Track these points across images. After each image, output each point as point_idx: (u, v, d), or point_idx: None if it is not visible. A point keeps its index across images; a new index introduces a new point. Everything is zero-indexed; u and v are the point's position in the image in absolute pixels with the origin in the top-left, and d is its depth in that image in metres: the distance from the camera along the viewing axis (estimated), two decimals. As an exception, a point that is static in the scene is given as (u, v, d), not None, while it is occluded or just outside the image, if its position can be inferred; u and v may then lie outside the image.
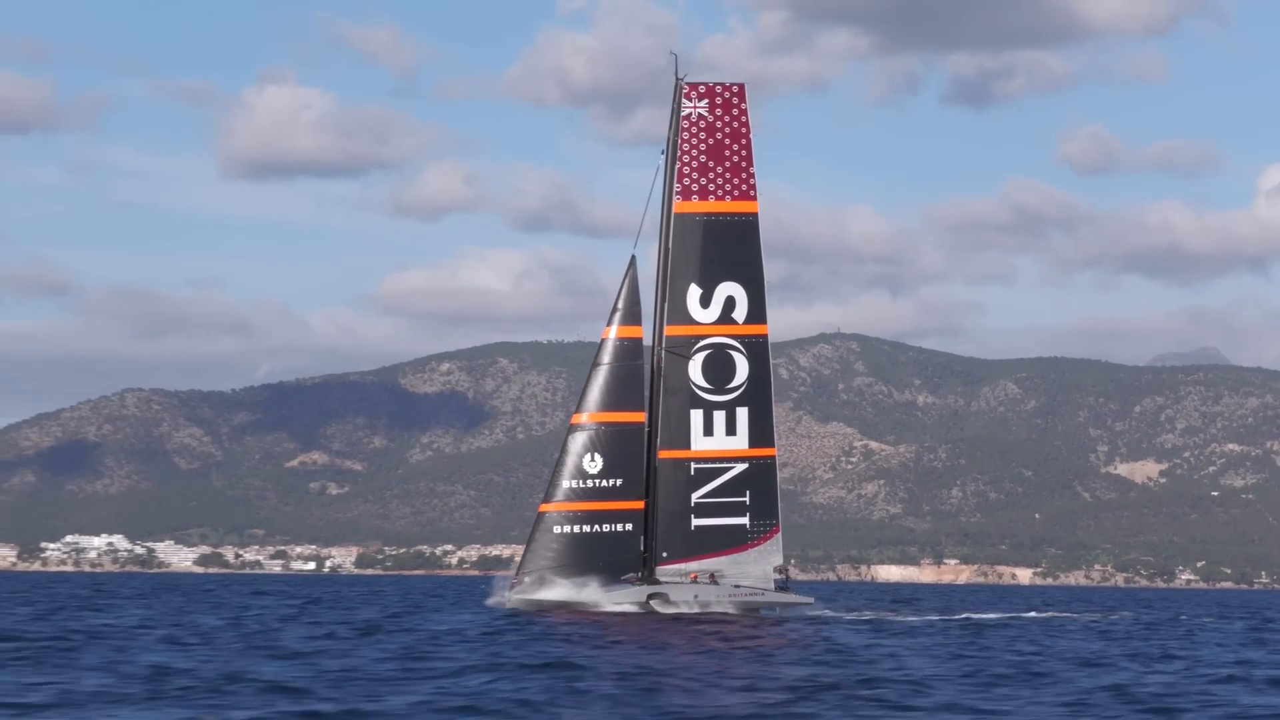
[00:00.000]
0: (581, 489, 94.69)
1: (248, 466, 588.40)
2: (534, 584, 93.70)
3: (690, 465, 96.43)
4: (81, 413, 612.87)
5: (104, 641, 61.80)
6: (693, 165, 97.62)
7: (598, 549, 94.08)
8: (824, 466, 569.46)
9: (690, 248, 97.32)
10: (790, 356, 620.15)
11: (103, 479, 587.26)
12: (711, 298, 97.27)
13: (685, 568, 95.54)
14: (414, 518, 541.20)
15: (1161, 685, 48.92)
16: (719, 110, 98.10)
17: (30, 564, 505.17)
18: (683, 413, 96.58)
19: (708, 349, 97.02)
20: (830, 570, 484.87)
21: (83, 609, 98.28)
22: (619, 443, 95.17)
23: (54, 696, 40.16)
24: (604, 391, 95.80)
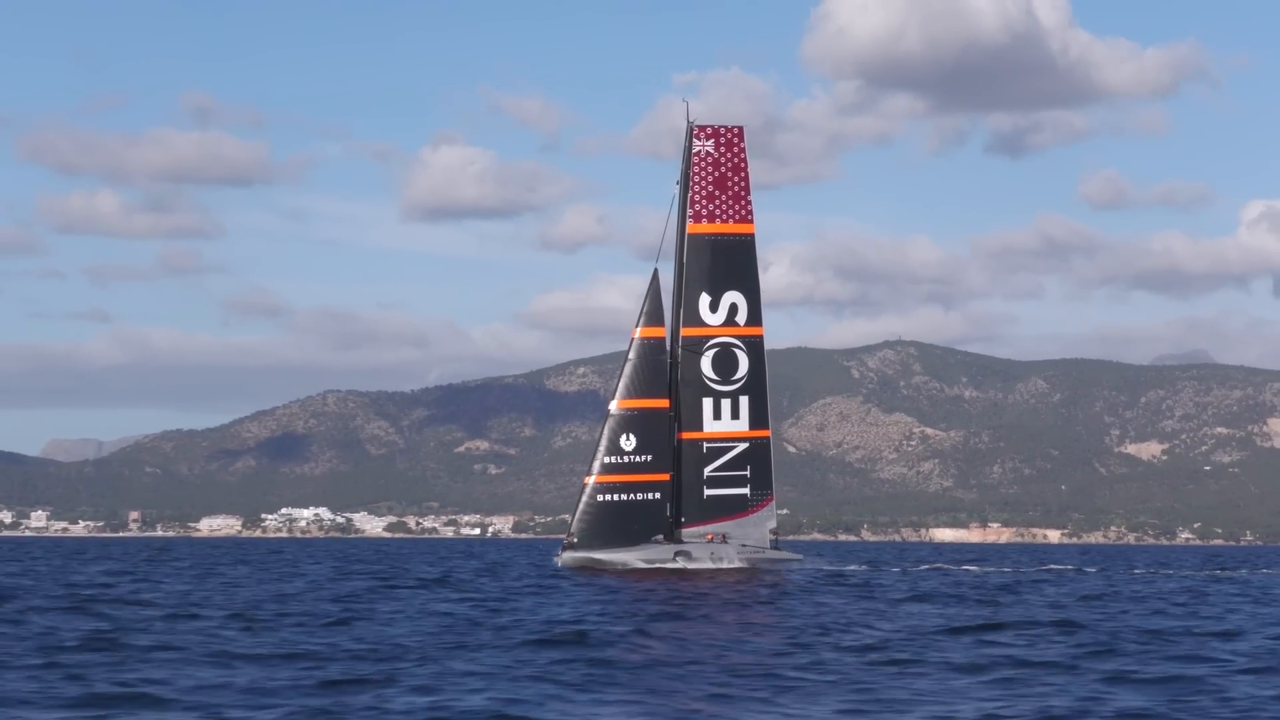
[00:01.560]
0: (618, 464, 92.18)
1: (425, 452, 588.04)
2: (581, 545, 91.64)
3: (703, 444, 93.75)
4: (292, 410, 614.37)
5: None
6: (702, 194, 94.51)
7: (632, 514, 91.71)
8: (889, 449, 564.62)
9: (701, 262, 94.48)
10: (860, 360, 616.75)
11: (309, 463, 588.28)
12: (719, 304, 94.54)
13: (701, 530, 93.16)
14: (557, 492, 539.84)
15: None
16: (723, 148, 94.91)
17: (252, 532, 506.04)
18: (696, 400, 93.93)
19: (716, 347, 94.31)
20: (895, 533, 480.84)
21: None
22: (648, 425, 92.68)
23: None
24: (635, 383, 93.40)
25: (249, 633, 40.65)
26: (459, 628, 42.41)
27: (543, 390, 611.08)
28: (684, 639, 38.88)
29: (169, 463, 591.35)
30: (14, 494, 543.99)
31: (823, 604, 57.26)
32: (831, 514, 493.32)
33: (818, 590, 68.78)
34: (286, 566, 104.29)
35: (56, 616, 46.60)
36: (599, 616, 46.80)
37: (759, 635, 40.65)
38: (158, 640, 38.22)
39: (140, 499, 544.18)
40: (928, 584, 79.06)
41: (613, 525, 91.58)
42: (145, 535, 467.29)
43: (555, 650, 35.85)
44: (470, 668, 32.29)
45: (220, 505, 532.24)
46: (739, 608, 53.66)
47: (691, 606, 52.72)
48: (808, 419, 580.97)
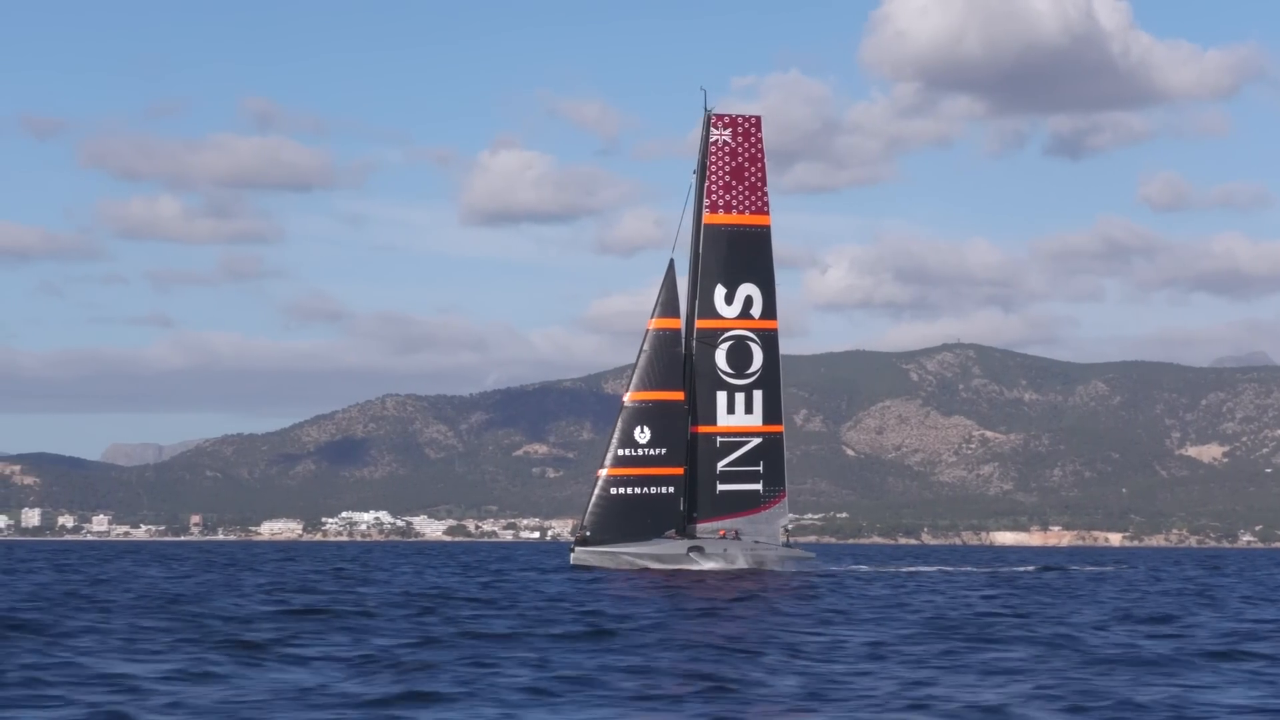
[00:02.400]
0: (632, 456, 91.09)
1: (483, 455, 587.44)
2: (594, 540, 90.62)
3: (716, 439, 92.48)
4: (351, 414, 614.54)
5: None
6: (719, 184, 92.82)
7: (645, 508, 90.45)
8: (948, 452, 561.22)
9: (717, 253, 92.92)
10: (919, 363, 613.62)
11: (369, 466, 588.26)
12: (734, 296, 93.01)
13: (714, 526, 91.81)
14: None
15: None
16: (740, 138, 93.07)
17: (313, 535, 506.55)
18: (710, 394, 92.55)
19: (730, 340, 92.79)
20: (956, 536, 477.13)
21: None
22: (663, 417, 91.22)
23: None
24: (650, 374, 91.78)
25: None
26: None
27: (600, 394, 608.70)
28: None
29: (229, 467, 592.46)
30: (75, 498, 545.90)
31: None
32: (891, 517, 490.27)
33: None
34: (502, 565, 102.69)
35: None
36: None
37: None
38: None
39: (201, 503, 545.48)
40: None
41: (626, 519, 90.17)
42: (208, 539, 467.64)
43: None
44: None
45: (281, 509, 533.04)
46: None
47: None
48: (866, 422, 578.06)
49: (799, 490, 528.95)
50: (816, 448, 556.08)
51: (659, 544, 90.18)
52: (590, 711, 24.63)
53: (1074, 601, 56.98)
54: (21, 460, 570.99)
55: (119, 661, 30.76)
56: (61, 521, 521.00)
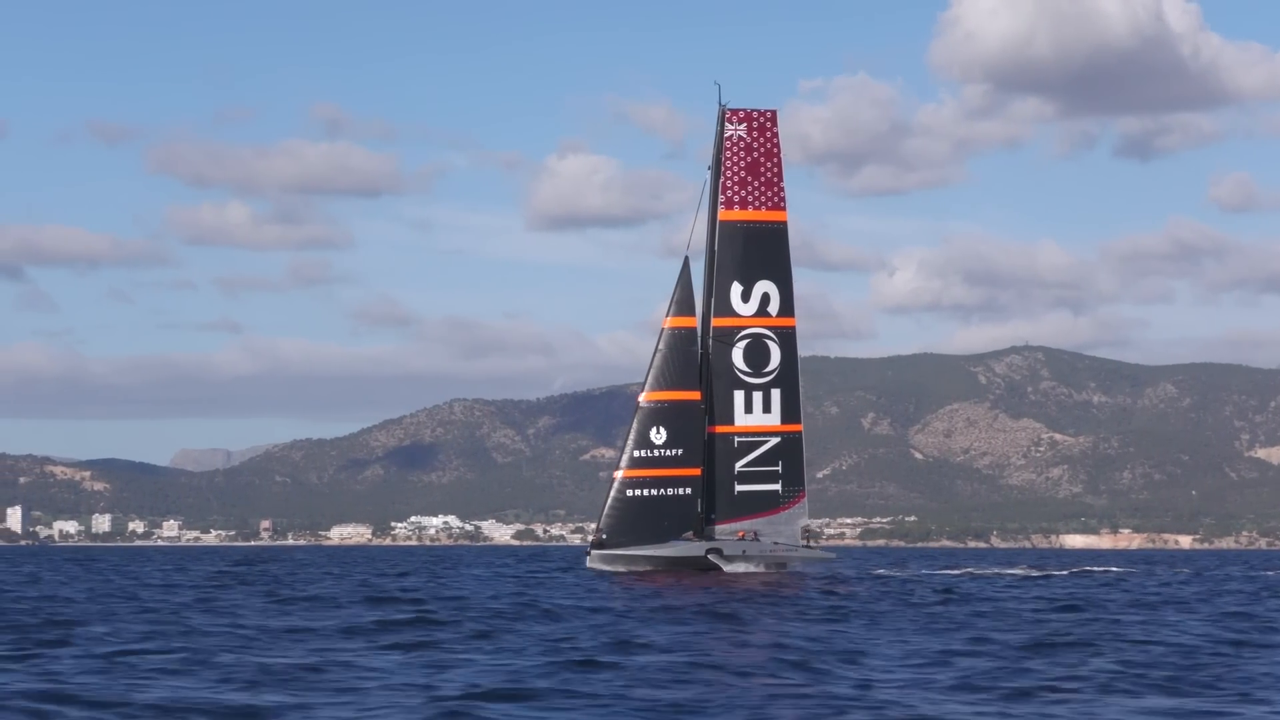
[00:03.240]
0: (649, 457, 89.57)
1: (551, 460, 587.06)
2: (610, 542, 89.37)
3: (734, 439, 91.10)
4: (419, 419, 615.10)
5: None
6: (734, 180, 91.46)
7: (662, 509, 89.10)
8: (1017, 455, 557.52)
9: (733, 250, 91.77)
10: (987, 365, 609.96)
11: (437, 471, 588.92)
12: (751, 294, 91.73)
13: (733, 527, 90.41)
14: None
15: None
16: (755, 132, 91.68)
17: (382, 539, 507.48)
18: (727, 393, 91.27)
19: (748, 338, 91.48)
20: (1026, 540, 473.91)
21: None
22: (680, 417, 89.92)
23: None
24: (666, 374, 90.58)
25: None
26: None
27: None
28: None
29: (298, 472, 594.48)
30: (145, 504, 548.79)
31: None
32: (960, 520, 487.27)
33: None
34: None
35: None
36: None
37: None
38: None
39: (270, 508, 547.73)
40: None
41: (643, 521, 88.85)
42: (278, 544, 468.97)
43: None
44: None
45: (350, 514, 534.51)
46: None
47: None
48: (934, 425, 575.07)
49: (866, 494, 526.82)
50: (884, 451, 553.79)
51: (677, 546, 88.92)
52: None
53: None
54: (91, 466, 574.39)
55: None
56: (132, 527, 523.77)
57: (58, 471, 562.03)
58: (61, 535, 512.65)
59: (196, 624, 42.50)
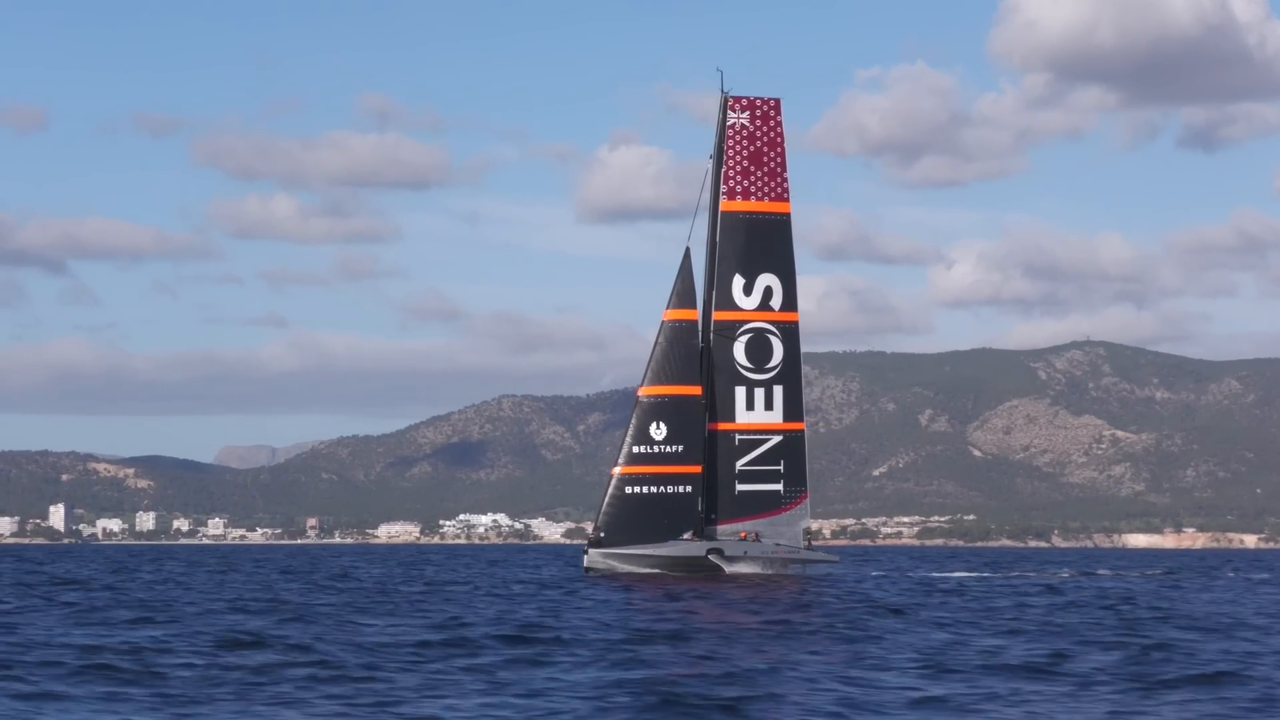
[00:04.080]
0: (647, 454, 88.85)
1: (601, 457, 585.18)
2: (607, 541, 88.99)
3: (735, 436, 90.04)
4: (467, 415, 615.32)
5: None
6: (736, 169, 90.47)
7: (661, 507, 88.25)
8: (1078, 452, 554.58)
9: (735, 242, 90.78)
10: (1048, 361, 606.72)
11: (485, 468, 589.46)
12: (753, 287, 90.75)
13: (734, 528, 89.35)
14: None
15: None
16: (758, 121, 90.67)
17: (430, 538, 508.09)
18: (728, 389, 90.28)
19: (749, 333, 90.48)
20: (1088, 539, 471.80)
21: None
22: (679, 413, 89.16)
23: None
24: (665, 367, 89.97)
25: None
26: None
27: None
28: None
29: (345, 469, 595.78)
30: (190, 501, 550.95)
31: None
32: (1020, 519, 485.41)
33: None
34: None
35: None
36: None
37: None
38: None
39: (317, 505, 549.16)
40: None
41: (641, 520, 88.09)
42: (325, 542, 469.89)
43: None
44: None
45: (398, 512, 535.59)
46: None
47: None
48: (993, 422, 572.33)
49: (923, 492, 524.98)
50: (942, 448, 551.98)
51: (677, 546, 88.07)
52: None
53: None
54: (135, 463, 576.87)
55: None
56: (176, 525, 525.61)
57: (101, 469, 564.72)
58: (105, 534, 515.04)
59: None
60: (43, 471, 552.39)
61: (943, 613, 52.88)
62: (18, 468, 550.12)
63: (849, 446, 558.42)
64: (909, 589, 73.30)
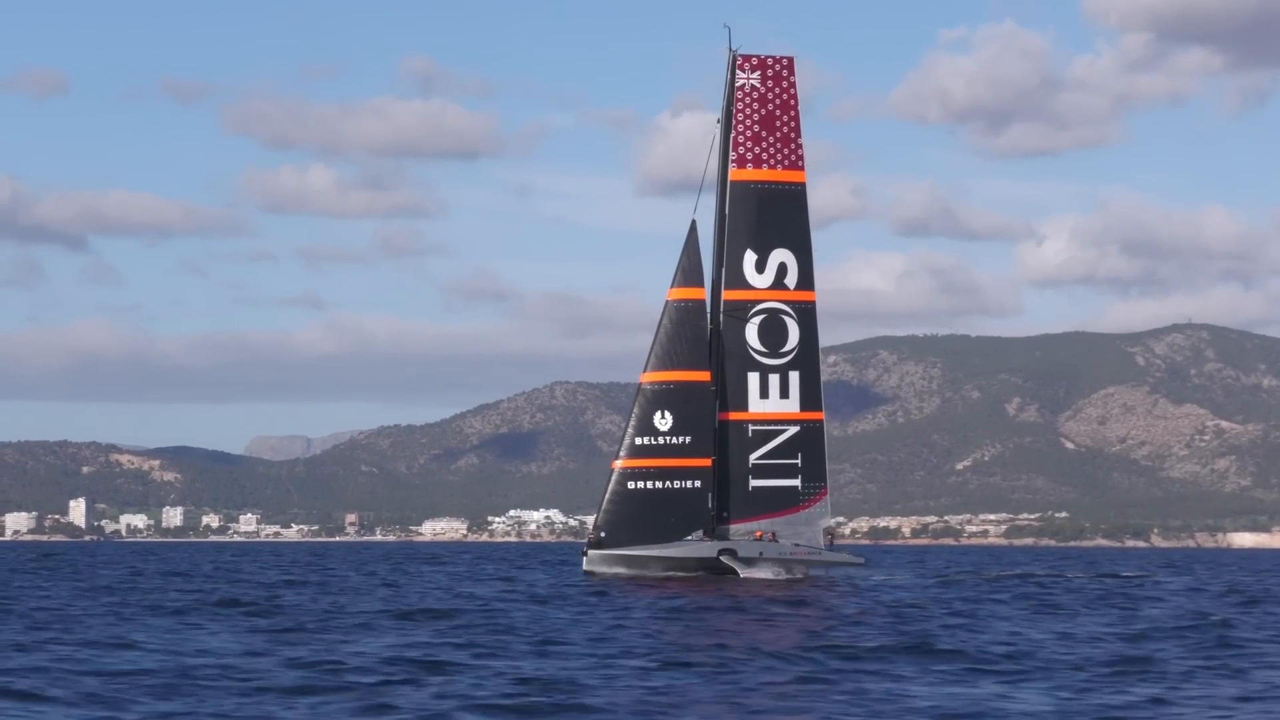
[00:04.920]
0: (652, 445, 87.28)
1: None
2: (609, 541, 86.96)
3: (748, 427, 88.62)
4: (518, 403, 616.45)
5: None
6: (746, 135, 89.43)
7: (668, 504, 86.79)
8: (1179, 444, 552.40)
9: (746, 215, 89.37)
10: (1146, 345, 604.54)
11: (537, 461, 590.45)
12: (766, 263, 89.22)
13: (749, 527, 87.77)
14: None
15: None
16: (770, 82, 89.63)
17: (479, 536, 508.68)
18: (740, 375, 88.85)
19: (763, 314, 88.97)
20: (1190, 538, 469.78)
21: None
22: (687, 400, 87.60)
23: None
24: (671, 351, 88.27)
25: None
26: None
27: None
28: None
29: (386, 461, 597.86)
30: (220, 495, 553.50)
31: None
32: (1116, 517, 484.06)
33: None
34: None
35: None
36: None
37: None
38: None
39: (356, 500, 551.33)
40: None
41: (645, 518, 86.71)
42: (365, 540, 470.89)
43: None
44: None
45: (443, 507, 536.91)
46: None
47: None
48: (1087, 411, 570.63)
49: (1011, 487, 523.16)
50: (1031, 440, 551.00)
51: (685, 546, 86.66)
52: None
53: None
54: (160, 455, 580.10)
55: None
56: (206, 521, 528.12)
57: (124, 460, 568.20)
58: (129, 530, 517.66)
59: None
60: (62, 463, 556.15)
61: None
62: (35, 459, 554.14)
63: (929, 438, 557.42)
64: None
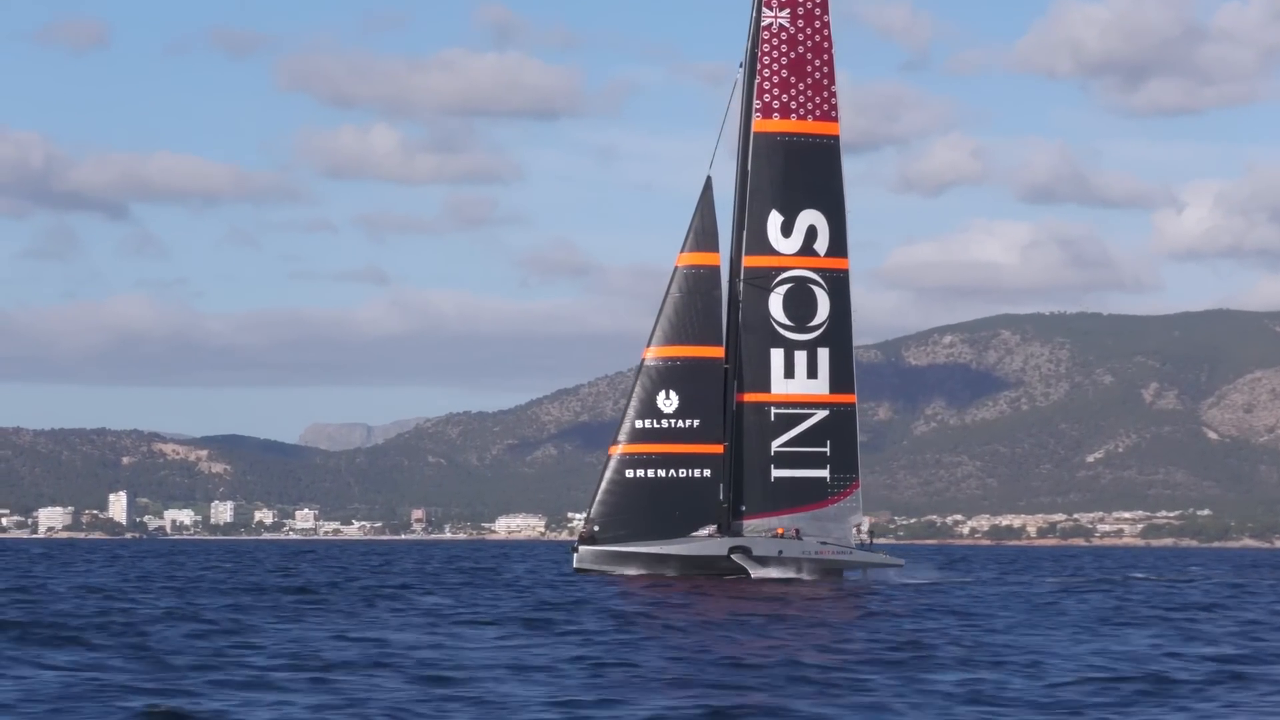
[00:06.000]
0: (655, 429, 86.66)
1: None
2: (604, 537, 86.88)
3: (770, 410, 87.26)
4: (599, 388, 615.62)
5: None
6: (773, 81, 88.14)
7: (672, 496, 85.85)
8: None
9: (771, 171, 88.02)
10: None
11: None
12: (793, 226, 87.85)
13: (768, 523, 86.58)
14: (921, 488, 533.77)
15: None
16: (800, 21, 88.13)
17: (558, 534, 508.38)
18: (762, 352, 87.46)
19: (789, 282, 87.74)
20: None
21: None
22: (695, 379, 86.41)
23: None
24: (679, 324, 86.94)
25: None
26: None
27: (901, 364, 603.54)
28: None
29: (456, 452, 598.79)
30: (274, 489, 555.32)
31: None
32: (1265, 515, 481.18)
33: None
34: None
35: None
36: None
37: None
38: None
39: (423, 495, 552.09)
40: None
41: (647, 510, 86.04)
42: (433, 538, 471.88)
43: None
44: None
45: (518, 503, 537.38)
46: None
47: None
48: (1232, 398, 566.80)
49: (1148, 482, 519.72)
50: (1170, 429, 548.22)
51: (692, 544, 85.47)
52: None
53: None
54: (209, 444, 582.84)
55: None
56: (259, 517, 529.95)
57: (168, 450, 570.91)
58: (174, 526, 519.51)
59: None
60: (100, 454, 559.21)
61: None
62: (71, 449, 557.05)
63: (1057, 427, 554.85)
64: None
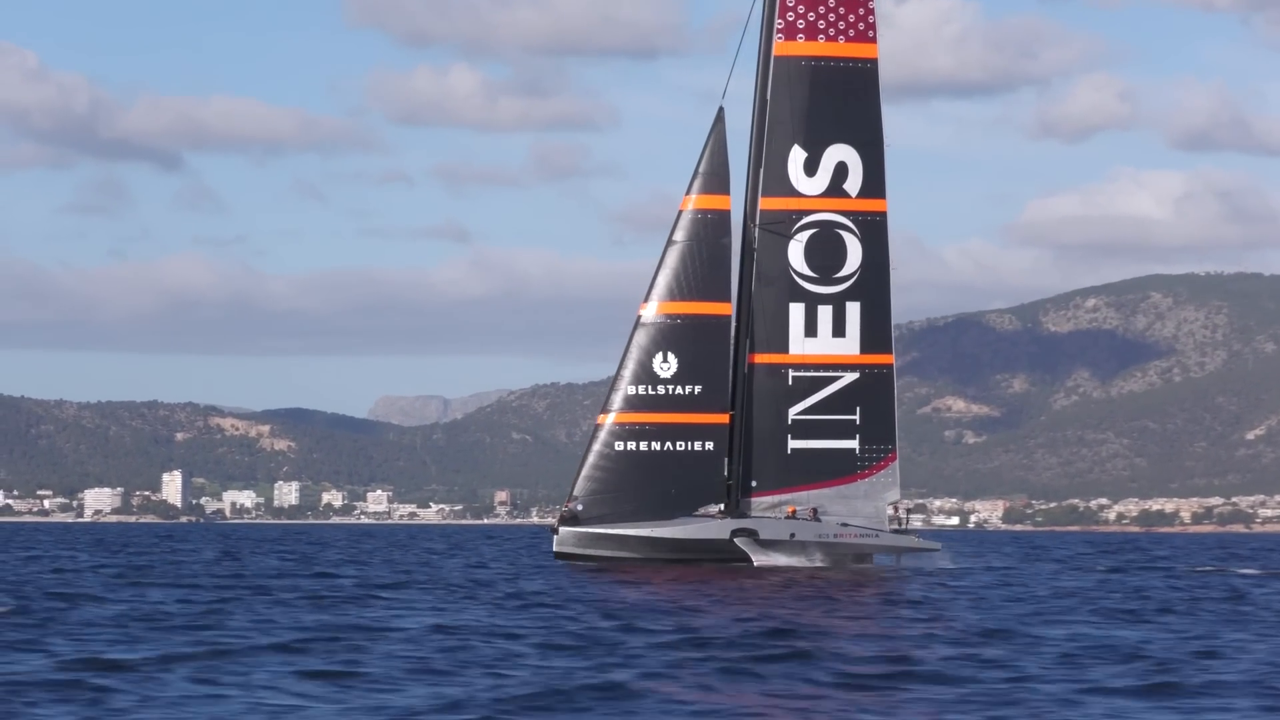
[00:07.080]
0: (651, 396, 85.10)
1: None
2: (588, 516, 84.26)
3: (788, 373, 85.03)
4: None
5: None
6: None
7: (668, 471, 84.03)
8: None
9: (794, 100, 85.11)
10: None
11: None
12: (818, 163, 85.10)
13: (780, 500, 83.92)
14: (1062, 469, 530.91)
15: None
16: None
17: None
18: (779, 307, 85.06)
19: (812, 227, 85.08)
20: None
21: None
22: (698, 340, 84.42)
23: None
24: (680, 276, 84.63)
25: None
26: None
27: (1039, 331, 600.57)
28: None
29: (543, 427, 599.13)
30: (343, 467, 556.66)
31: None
32: None
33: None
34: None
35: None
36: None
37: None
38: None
39: (507, 475, 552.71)
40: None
41: (638, 486, 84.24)
42: (518, 523, 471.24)
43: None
44: None
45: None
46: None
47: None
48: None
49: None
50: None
51: (689, 525, 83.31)
52: None
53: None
54: (271, 419, 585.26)
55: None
56: (327, 499, 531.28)
57: (227, 425, 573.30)
58: (234, 509, 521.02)
59: None
60: (152, 429, 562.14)
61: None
62: (120, 424, 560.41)
63: (1213, 401, 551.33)
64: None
